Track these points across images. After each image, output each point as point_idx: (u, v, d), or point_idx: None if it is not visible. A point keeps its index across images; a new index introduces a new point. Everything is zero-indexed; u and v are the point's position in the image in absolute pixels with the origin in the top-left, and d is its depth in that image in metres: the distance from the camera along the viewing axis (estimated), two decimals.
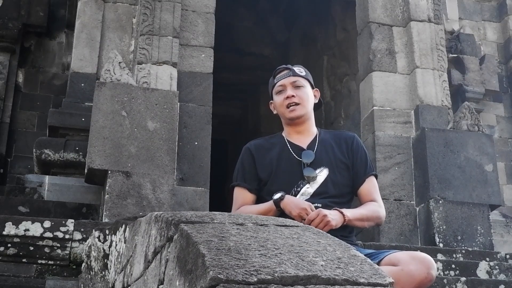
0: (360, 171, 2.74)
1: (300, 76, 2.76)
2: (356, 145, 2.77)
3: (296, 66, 2.82)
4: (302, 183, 2.64)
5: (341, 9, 8.12)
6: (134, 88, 5.08)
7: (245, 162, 2.77)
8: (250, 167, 2.75)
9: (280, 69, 2.81)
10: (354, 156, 2.75)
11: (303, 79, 2.76)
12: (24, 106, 6.88)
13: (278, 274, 1.35)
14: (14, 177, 6.10)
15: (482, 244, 5.35)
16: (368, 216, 2.63)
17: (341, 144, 2.77)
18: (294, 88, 2.73)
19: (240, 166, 2.79)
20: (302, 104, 2.72)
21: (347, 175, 2.72)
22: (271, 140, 2.83)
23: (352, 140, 2.79)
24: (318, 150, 2.72)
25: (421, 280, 2.25)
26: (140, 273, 2.20)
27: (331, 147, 2.75)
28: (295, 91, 2.73)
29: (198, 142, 5.38)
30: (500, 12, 8.11)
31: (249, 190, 2.73)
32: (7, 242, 4.10)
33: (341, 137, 2.82)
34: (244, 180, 2.75)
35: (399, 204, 5.60)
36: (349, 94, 7.88)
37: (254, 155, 2.76)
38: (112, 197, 4.68)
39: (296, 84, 2.74)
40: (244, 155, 2.80)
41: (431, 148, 5.58)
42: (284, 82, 2.74)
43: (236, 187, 2.77)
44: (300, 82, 2.75)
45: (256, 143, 2.82)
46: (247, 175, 2.75)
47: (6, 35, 6.73)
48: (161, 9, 5.58)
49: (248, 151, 2.79)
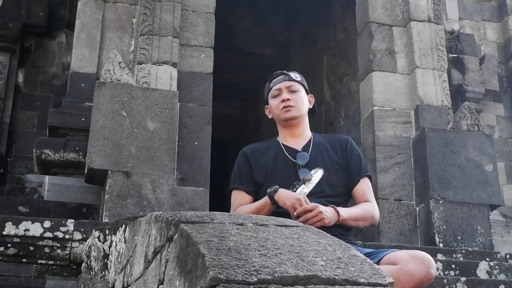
0: (354, 172, 2.79)
1: (295, 81, 2.84)
2: (350, 147, 2.83)
3: (292, 72, 2.90)
4: (298, 183, 2.69)
5: (341, 9, 8.12)
6: (134, 88, 5.08)
7: (241, 166, 2.84)
8: (247, 170, 2.81)
9: (276, 74, 2.90)
10: (348, 157, 2.81)
11: (298, 84, 2.85)
12: (24, 106, 6.88)
13: (278, 274, 1.35)
14: (14, 177, 6.10)
15: (482, 244, 5.35)
16: (362, 216, 2.67)
17: (335, 146, 2.83)
18: (289, 92, 2.82)
19: (237, 170, 2.86)
20: (296, 107, 2.80)
21: (342, 176, 2.77)
22: (267, 144, 2.92)
23: (346, 142, 2.86)
24: (313, 152, 2.77)
25: (421, 279, 2.26)
26: (140, 273, 2.20)
27: (325, 149, 2.81)
28: (291, 94, 2.81)
29: (198, 142, 5.39)
30: (500, 12, 8.10)
31: (247, 192, 2.79)
32: (7, 242, 4.09)
33: (335, 139, 2.89)
34: (241, 183, 2.81)
35: (399, 204, 5.60)
36: (349, 94, 7.87)
37: (250, 158, 2.82)
38: (112, 197, 4.68)
39: (291, 88, 2.82)
40: (240, 159, 2.87)
41: (431, 148, 5.57)
42: (280, 86, 2.83)
43: (233, 190, 2.83)
44: (295, 87, 2.83)
45: (251, 147, 2.90)
46: (243, 178, 2.81)
47: (6, 35, 6.73)
48: (161, 9, 5.58)
49: (244, 155, 2.86)
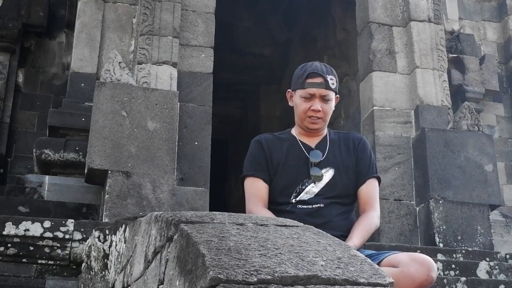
0: (363, 171, 2.74)
1: (331, 89, 2.69)
2: (362, 146, 2.78)
3: (330, 74, 2.70)
4: (308, 182, 2.65)
5: (341, 9, 8.12)
6: (134, 88, 5.08)
7: (256, 154, 2.75)
8: (261, 159, 2.72)
9: (314, 72, 2.69)
10: (358, 155, 2.76)
11: (332, 92, 2.70)
12: (24, 106, 6.89)
13: (278, 274, 1.35)
14: (14, 177, 6.10)
15: (482, 244, 5.35)
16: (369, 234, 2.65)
17: (348, 145, 2.78)
18: (322, 101, 2.68)
19: (251, 158, 2.76)
20: (323, 119, 2.71)
21: (353, 177, 2.72)
22: (281, 136, 2.82)
23: (360, 140, 2.80)
24: (327, 151, 2.73)
25: (421, 282, 2.24)
26: (140, 273, 2.20)
27: (339, 148, 2.76)
28: (323, 104, 2.68)
29: (198, 142, 5.39)
30: (500, 12, 8.11)
31: (264, 180, 2.70)
32: (7, 242, 4.10)
33: (349, 138, 2.82)
34: (257, 170, 2.71)
35: (399, 204, 5.60)
36: (349, 94, 7.87)
37: (264, 147, 2.74)
38: (112, 197, 4.68)
39: (325, 98, 2.68)
40: (255, 147, 2.77)
41: (431, 148, 5.58)
42: (315, 92, 2.67)
43: (247, 177, 2.73)
44: (329, 96, 2.69)
45: (265, 137, 2.81)
46: (259, 166, 2.72)
47: (6, 35, 6.74)
48: (161, 9, 5.58)
49: (258, 143, 2.77)
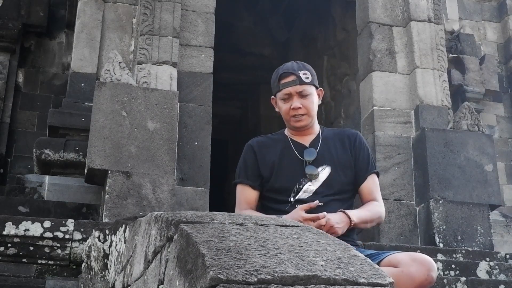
0: (362, 168, 2.73)
1: (306, 83, 2.65)
2: (359, 143, 2.76)
3: (302, 69, 2.68)
4: (304, 180, 2.64)
5: (341, 9, 8.12)
6: (134, 88, 5.08)
7: (247, 159, 2.75)
8: (252, 164, 2.73)
9: (285, 73, 2.68)
10: (356, 153, 2.74)
11: (309, 85, 2.66)
12: (24, 106, 6.89)
13: (278, 274, 1.35)
14: (14, 177, 6.10)
15: (482, 244, 5.35)
16: (371, 217, 2.64)
17: (344, 142, 2.76)
18: (300, 97, 2.65)
19: (243, 164, 2.77)
20: (308, 114, 2.67)
21: (349, 173, 2.71)
22: (274, 137, 2.81)
23: (355, 137, 2.77)
24: (321, 148, 2.71)
25: (421, 282, 2.24)
26: (140, 273, 2.20)
27: (333, 145, 2.74)
28: (302, 100, 2.65)
29: (198, 142, 5.38)
30: (500, 12, 8.11)
31: (252, 187, 2.71)
32: (7, 242, 4.09)
33: (344, 134, 2.80)
34: (246, 177, 2.73)
35: (399, 204, 5.60)
36: (349, 94, 7.87)
37: (256, 152, 2.74)
38: (112, 197, 4.68)
39: (302, 93, 2.65)
40: (246, 152, 2.77)
41: (431, 148, 5.57)
42: (290, 91, 2.65)
43: (238, 184, 2.75)
44: (307, 91, 2.65)
45: (258, 140, 2.80)
46: (249, 172, 2.73)
47: (6, 35, 6.73)
48: (161, 9, 5.57)
49: (250, 148, 2.77)
